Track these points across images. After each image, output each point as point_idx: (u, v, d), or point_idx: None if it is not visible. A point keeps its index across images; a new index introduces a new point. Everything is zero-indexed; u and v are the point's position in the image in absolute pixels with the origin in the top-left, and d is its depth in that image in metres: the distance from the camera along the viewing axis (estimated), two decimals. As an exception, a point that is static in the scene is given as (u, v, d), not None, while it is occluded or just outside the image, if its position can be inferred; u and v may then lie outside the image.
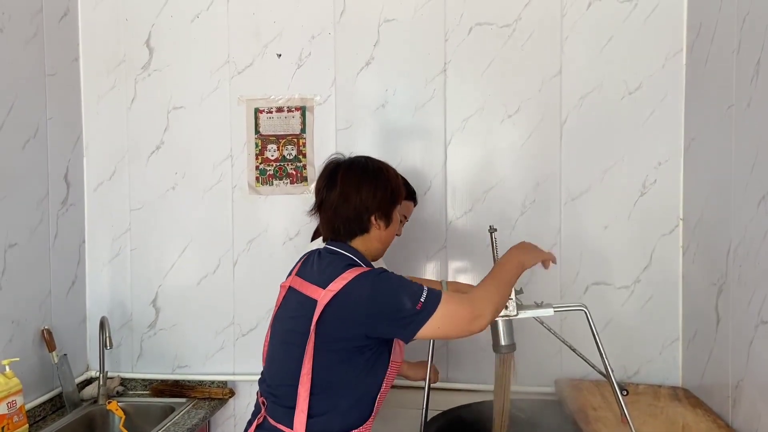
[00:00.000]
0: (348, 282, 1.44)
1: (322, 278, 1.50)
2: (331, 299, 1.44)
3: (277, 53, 2.42)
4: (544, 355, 2.29)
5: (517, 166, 2.32)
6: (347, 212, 1.56)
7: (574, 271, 2.30)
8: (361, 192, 1.56)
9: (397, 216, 1.64)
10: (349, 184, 1.56)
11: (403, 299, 1.42)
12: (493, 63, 2.30)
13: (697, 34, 2.09)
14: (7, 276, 2.07)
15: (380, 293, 1.44)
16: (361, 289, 1.44)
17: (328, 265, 1.53)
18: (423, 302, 1.41)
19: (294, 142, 2.41)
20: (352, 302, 1.44)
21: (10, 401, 1.94)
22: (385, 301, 1.43)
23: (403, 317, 1.42)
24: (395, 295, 1.43)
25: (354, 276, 1.45)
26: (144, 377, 2.52)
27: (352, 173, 1.58)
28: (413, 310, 1.41)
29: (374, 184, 1.57)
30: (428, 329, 1.42)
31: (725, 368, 1.83)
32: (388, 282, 1.46)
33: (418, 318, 1.41)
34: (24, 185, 2.17)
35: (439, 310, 1.42)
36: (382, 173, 1.60)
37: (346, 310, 1.45)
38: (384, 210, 1.59)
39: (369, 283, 1.45)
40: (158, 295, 2.52)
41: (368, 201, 1.56)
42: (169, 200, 2.50)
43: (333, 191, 1.57)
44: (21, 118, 2.15)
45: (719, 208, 1.91)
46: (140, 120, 2.50)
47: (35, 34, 2.23)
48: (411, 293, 1.43)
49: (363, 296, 1.44)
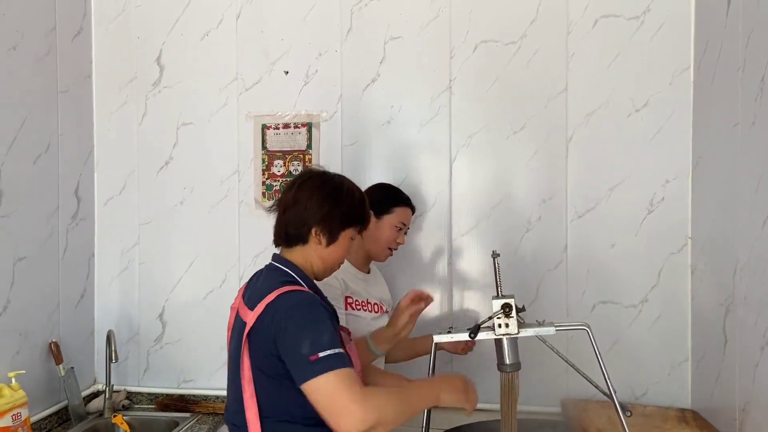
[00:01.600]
0: (268, 303, 1.40)
1: (252, 299, 1.46)
2: (255, 322, 1.41)
3: (284, 70, 2.44)
4: (551, 375, 2.26)
5: (523, 183, 2.31)
6: (292, 216, 1.54)
7: (581, 289, 2.27)
8: (310, 200, 1.53)
9: (345, 240, 1.58)
10: (303, 190, 1.55)
11: (303, 340, 1.33)
12: (499, 80, 2.30)
13: (703, 52, 2.08)
14: (16, 289, 2.10)
15: (286, 324, 1.37)
16: (274, 313, 1.39)
17: (262, 285, 1.50)
18: (321, 357, 1.30)
19: (300, 158, 2.43)
20: (266, 324, 1.40)
21: (15, 414, 1.95)
22: (287, 335, 1.36)
23: (296, 360, 1.34)
24: (298, 332, 1.35)
25: (275, 296, 1.41)
26: (150, 391, 2.54)
27: (311, 182, 1.57)
28: (305, 358, 1.31)
29: (326, 197, 1.54)
30: (311, 388, 1.31)
31: (732, 390, 1.80)
32: (298, 315, 1.38)
33: (306, 368, 1.31)
34: (35, 199, 2.21)
35: (329, 377, 1.29)
36: (341, 192, 1.56)
37: (262, 334, 1.41)
38: (328, 226, 1.53)
39: (282, 308, 1.39)
40: (165, 309, 2.54)
41: (313, 210, 1.52)
42: (177, 215, 2.53)
43: (289, 193, 1.57)
44: (33, 133, 2.19)
45: (726, 226, 1.88)
46: (150, 136, 2.54)
47: (49, 52, 2.28)
48: (316, 340, 1.33)
49: (274, 321, 1.38)
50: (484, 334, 1.69)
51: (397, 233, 2.02)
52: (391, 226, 2.00)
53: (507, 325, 1.65)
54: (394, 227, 2.00)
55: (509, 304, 1.65)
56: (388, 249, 2.03)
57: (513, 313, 1.65)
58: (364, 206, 1.61)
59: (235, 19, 2.48)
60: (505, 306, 1.65)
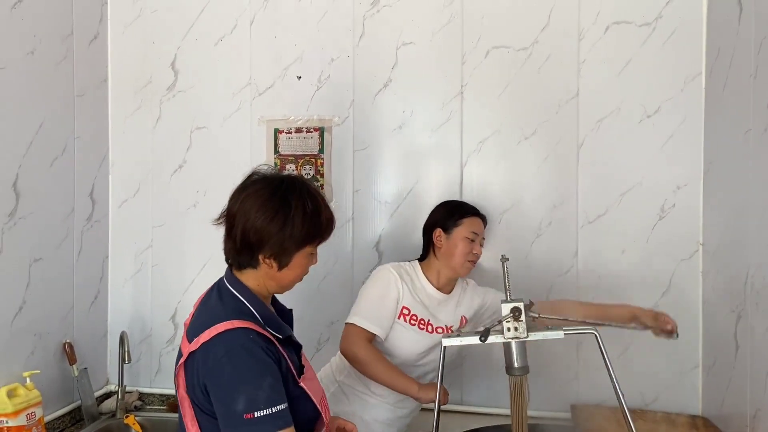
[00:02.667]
0: (204, 342, 1.26)
1: (192, 329, 1.32)
2: (188, 357, 1.28)
3: (297, 75, 2.47)
4: (560, 380, 2.27)
5: (534, 189, 2.31)
6: (236, 238, 1.35)
7: (591, 295, 2.26)
8: (256, 221, 1.32)
9: (301, 259, 1.39)
10: (247, 207, 1.34)
11: (238, 396, 1.20)
12: (510, 85, 2.31)
13: (715, 58, 2.08)
14: (31, 290, 2.13)
15: (220, 372, 1.22)
16: (209, 355, 1.25)
17: (207, 314, 1.34)
18: (257, 417, 1.18)
19: (312, 162, 2.45)
20: (198, 365, 1.26)
21: (29, 413, 1.98)
22: (220, 384, 1.22)
23: (228, 414, 1.20)
24: (233, 384, 1.21)
25: (213, 335, 1.25)
26: (162, 392, 2.56)
27: (256, 195, 1.35)
28: (239, 415, 1.18)
29: (273, 218, 1.33)
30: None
31: (743, 397, 1.79)
32: (235, 364, 1.22)
33: (239, 426, 1.19)
34: (50, 201, 2.24)
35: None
36: (290, 208, 1.34)
37: (194, 372, 1.27)
38: (279, 250, 1.34)
39: (217, 351, 1.24)
40: (177, 311, 2.56)
41: (260, 234, 1.33)
42: (190, 218, 2.55)
43: (234, 206, 1.38)
44: (50, 136, 2.23)
45: (738, 233, 1.88)
46: (164, 139, 2.57)
47: (65, 57, 2.31)
48: (252, 396, 1.19)
49: (207, 364, 1.25)
50: (493, 337, 1.69)
51: (471, 244, 1.99)
52: (462, 239, 1.98)
53: (516, 328, 1.66)
54: (466, 239, 1.98)
55: (518, 308, 1.65)
56: (468, 261, 2.00)
57: (522, 316, 1.66)
58: (320, 219, 1.39)
59: (249, 24, 2.50)
60: (514, 309, 1.66)
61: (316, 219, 1.38)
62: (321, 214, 1.39)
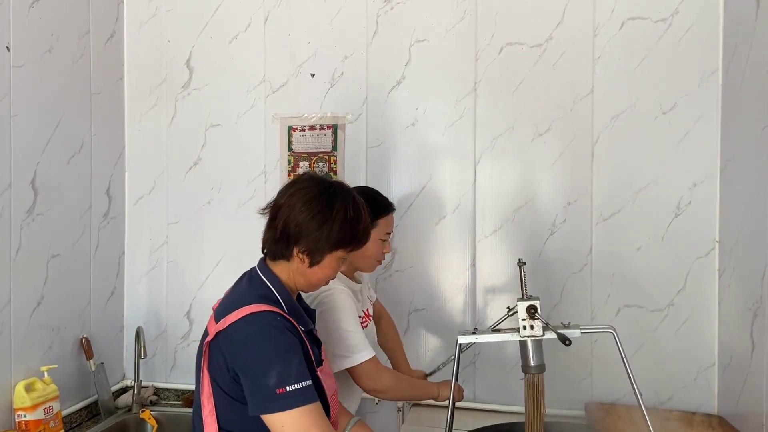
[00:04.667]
0: (232, 322, 1.31)
1: (221, 310, 1.38)
2: (215, 336, 1.33)
3: (310, 73, 2.47)
4: (575, 378, 2.26)
5: (548, 186, 2.30)
6: (278, 230, 1.41)
7: (606, 293, 2.26)
8: (298, 215, 1.39)
9: (332, 261, 1.44)
10: (294, 201, 1.41)
11: (270, 372, 1.25)
12: (524, 82, 2.30)
13: (732, 54, 2.06)
14: (49, 285, 2.16)
15: (250, 349, 1.28)
16: (237, 333, 1.31)
17: (236, 297, 1.40)
18: (289, 391, 1.23)
19: (325, 159, 2.46)
20: (227, 343, 1.32)
21: (47, 407, 2.01)
22: (250, 360, 1.28)
23: (258, 389, 1.26)
24: (264, 361, 1.27)
25: (241, 316, 1.31)
26: (177, 387, 2.59)
27: (304, 192, 1.42)
28: (271, 391, 1.24)
29: (315, 215, 1.39)
30: (275, 421, 1.25)
31: (759, 396, 1.77)
32: (264, 342, 1.29)
33: (273, 401, 1.24)
34: (68, 198, 2.27)
35: (299, 412, 1.24)
36: (333, 210, 1.40)
37: (221, 351, 1.33)
38: (313, 247, 1.40)
39: (246, 330, 1.30)
40: (192, 307, 2.59)
41: (299, 228, 1.39)
42: (205, 215, 2.57)
43: (280, 199, 1.44)
44: (67, 133, 2.25)
45: (755, 230, 1.86)
46: (179, 137, 2.60)
47: (82, 55, 2.34)
48: (284, 372, 1.25)
49: (235, 341, 1.30)
50: (509, 335, 1.69)
51: (383, 244, 1.90)
52: (375, 240, 1.84)
53: (532, 327, 1.65)
54: (380, 240, 1.88)
55: (534, 306, 1.65)
56: (377, 262, 1.93)
57: (538, 315, 1.65)
58: (357, 227, 1.44)
59: (263, 22, 2.52)
60: (530, 308, 1.66)
61: (355, 226, 1.44)
62: (360, 222, 1.45)
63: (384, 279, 2.40)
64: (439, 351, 2.39)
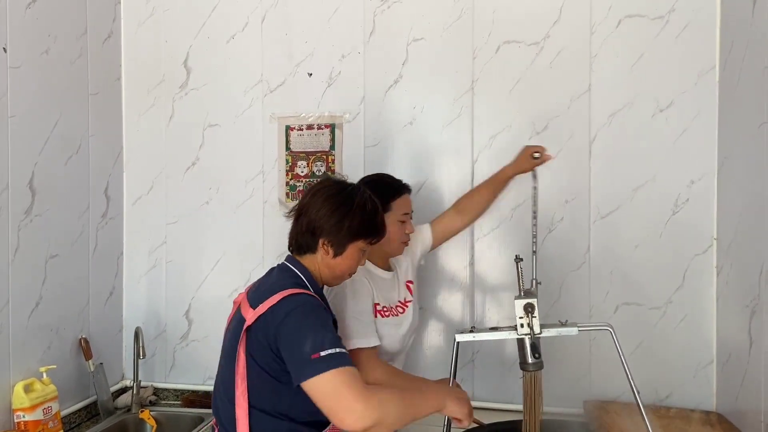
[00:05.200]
0: (272, 305, 1.43)
1: (256, 298, 1.49)
2: (255, 321, 1.44)
3: (308, 72, 2.48)
4: (573, 376, 2.26)
5: (546, 184, 2.28)
6: (303, 225, 1.57)
7: (604, 290, 2.26)
8: (320, 210, 1.55)
9: (354, 251, 1.59)
10: (316, 199, 1.57)
11: (305, 340, 1.35)
12: (521, 81, 2.30)
13: (729, 51, 2.06)
14: (48, 286, 2.16)
15: (289, 324, 1.39)
16: (277, 313, 1.42)
17: (270, 285, 1.52)
18: (323, 356, 1.32)
19: (323, 158, 2.46)
20: (268, 324, 1.42)
21: (46, 407, 2.01)
22: (289, 334, 1.38)
23: (297, 358, 1.35)
24: (301, 332, 1.37)
25: (280, 299, 1.43)
26: (176, 387, 2.59)
27: (325, 191, 1.59)
28: (307, 357, 1.33)
29: (337, 209, 1.55)
30: (312, 386, 1.32)
31: (758, 393, 1.78)
32: (302, 316, 1.40)
33: (308, 366, 1.32)
34: (66, 199, 2.27)
35: (332, 374, 1.31)
36: (353, 204, 1.57)
37: (262, 332, 1.43)
38: (336, 238, 1.55)
39: (286, 309, 1.42)
40: (191, 306, 2.59)
41: (322, 221, 1.54)
42: (203, 215, 2.58)
43: (304, 200, 1.60)
44: (65, 134, 2.25)
45: (752, 227, 1.86)
46: (177, 137, 2.60)
47: (80, 55, 2.34)
48: (318, 339, 1.35)
49: (276, 321, 1.41)
50: (506, 333, 1.70)
51: (403, 225, 1.94)
52: (394, 222, 1.91)
53: (529, 325, 1.65)
54: (398, 222, 1.93)
55: (532, 304, 1.65)
56: (402, 243, 1.96)
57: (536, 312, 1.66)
58: (375, 219, 1.61)
59: (260, 22, 2.52)
60: (527, 306, 1.66)
61: (373, 218, 1.60)
62: (377, 215, 1.62)
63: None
64: (438, 349, 2.39)
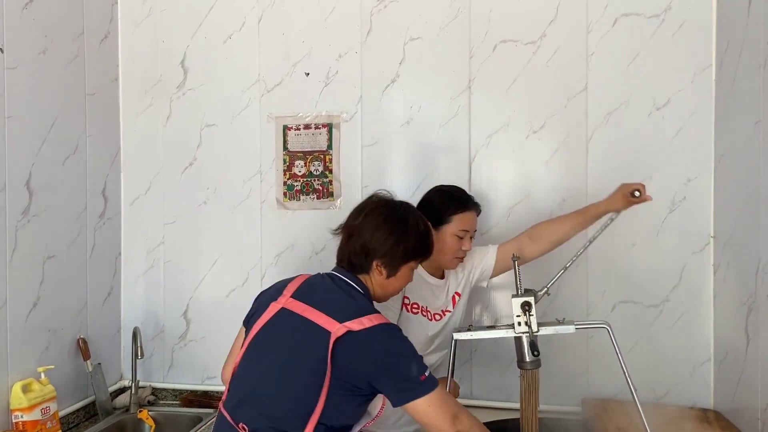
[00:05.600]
0: (367, 328, 1.45)
1: (335, 309, 1.49)
2: (345, 335, 1.44)
3: (305, 72, 2.48)
4: (572, 375, 2.27)
5: (543, 183, 2.31)
6: (356, 246, 1.59)
7: (601, 289, 2.26)
8: (375, 232, 1.58)
9: (406, 271, 1.63)
10: (369, 221, 1.60)
11: (411, 364, 1.44)
12: (518, 79, 2.30)
13: (725, 50, 2.06)
14: (45, 286, 2.16)
15: (394, 351, 1.46)
16: (378, 339, 1.45)
17: (342, 299, 1.54)
18: (427, 376, 1.44)
19: (321, 158, 2.46)
20: (365, 348, 1.45)
21: (44, 407, 2.01)
22: (395, 360, 1.45)
23: (405, 381, 1.43)
24: (406, 357, 1.45)
25: (375, 324, 1.46)
26: (174, 387, 2.59)
27: (378, 212, 1.61)
28: (416, 379, 1.43)
29: (392, 232, 1.58)
30: (420, 404, 1.42)
31: (755, 390, 1.78)
32: (403, 343, 1.48)
33: (418, 388, 1.42)
34: (63, 199, 2.27)
35: (436, 392, 1.43)
36: (406, 226, 1.60)
37: (357, 353, 1.45)
38: (390, 260, 1.58)
39: (387, 336, 1.47)
40: (189, 306, 2.59)
41: (377, 244, 1.57)
42: (201, 215, 2.57)
43: (356, 220, 1.62)
44: (62, 134, 2.25)
45: (749, 225, 1.87)
46: (175, 137, 2.59)
47: (77, 56, 2.34)
48: (419, 363, 1.45)
49: (377, 347, 1.45)
50: (503, 331, 1.70)
51: (460, 241, 1.92)
52: (451, 236, 1.91)
53: (527, 323, 1.66)
54: (455, 236, 1.91)
55: (529, 303, 1.66)
56: (456, 258, 1.96)
57: (533, 311, 1.66)
58: (427, 240, 1.65)
59: (257, 22, 2.52)
60: (524, 304, 1.66)
61: (426, 239, 1.65)
62: (429, 236, 1.66)
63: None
64: (435, 348, 2.39)
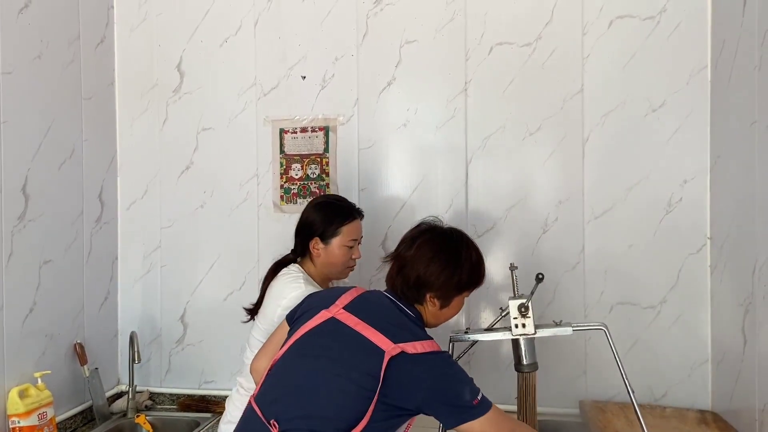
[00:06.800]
0: (421, 353, 1.45)
1: (389, 328, 1.49)
2: (399, 355, 1.43)
3: (301, 75, 2.48)
4: (569, 377, 2.27)
5: (540, 185, 2.31)
6: (410, 277, 1.57)
7: (599, 290, 2.27)
8: (429, 266, 1.55)
9: (459, 301, 1.62)
10: (423, 253, 1.57)
11: (465, 389, 1.45)
12: (514, 82, 2.31)
13: (720, 51, 2.07)
14: (42, 291, 2.15)
15: (447, 377, 1.46)
16: (432, 365, 1.45)
17: (397, 321, 1.53)
18: (480, 399, 1.45)
19: (317, 161, 2.46)
20: (419, 372, 1.44)
21: (41, 413, 2.00)
22: (449, 386, 1.45)
23: (459, 406, 1.44)
24: (460, 383, 1.46)
25: (429, 350, 1.47)
26: (172, 392, 2.58)
27: (431, 244, 1.59)
28: (470, 403, 1.43)
29: (446, 266, 1.56)
30: (474, 427, 1.43)
31: (753, 391, 1.78)
32: (456, 368, 1.49)
33: (471, 411, 1.43)
34: (60, 204, 2.26)
35: (489, 413, 1.44)
36: (460, 258, 1.58)
37: (410, 376, 1.44)
38: (444, 293, 1.57)
39: (441, 363, 1.47)
40: (186, 311, 2.58)
41: (431, 277, 1.55)
42: (198, 218, 2.57)
43: (408, 251, 1.59)
44: (58, 139, 2.25)
45: (745, 226, 1.87)
46: (171, 141, 2.59)
47: (73, 60, 2.34)
48: (472, 387, 1.46)
49: (431, 373, 1.45)
50: (500, 334, 1.70)
51: (350, 251, 1.90)
52: (341, 247, 1.88)
53: (524, 325, 1.66)
54: (345, 247, 1.88)
55: (526, 305, 1.66)
56: (348, 268, 1.94)
57: (530, 313, 1.66)
58: (480, 269, 1.63)
59: (253, 25, 2.52)
60: (521, 307, 1.66)
61: (479, 269, 1.63)
62: (482, 265, 1.64)
63: (378, 280, 2.40)
64: (433, 351, 2.38)
